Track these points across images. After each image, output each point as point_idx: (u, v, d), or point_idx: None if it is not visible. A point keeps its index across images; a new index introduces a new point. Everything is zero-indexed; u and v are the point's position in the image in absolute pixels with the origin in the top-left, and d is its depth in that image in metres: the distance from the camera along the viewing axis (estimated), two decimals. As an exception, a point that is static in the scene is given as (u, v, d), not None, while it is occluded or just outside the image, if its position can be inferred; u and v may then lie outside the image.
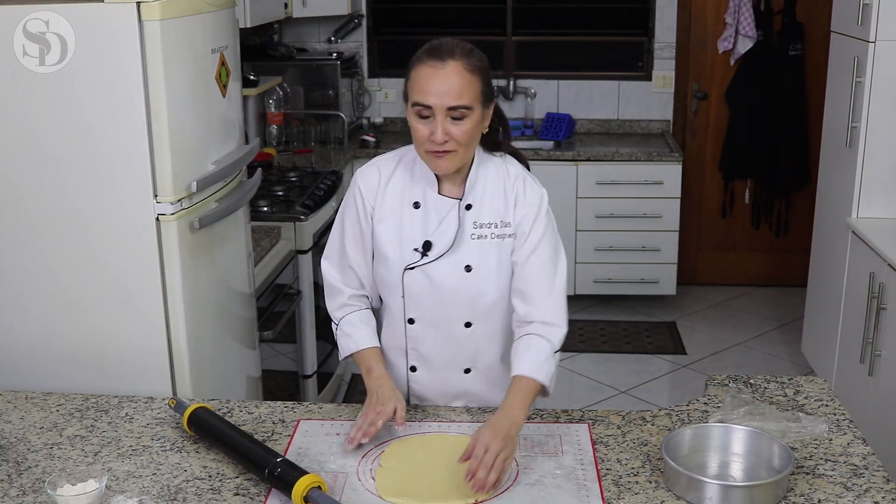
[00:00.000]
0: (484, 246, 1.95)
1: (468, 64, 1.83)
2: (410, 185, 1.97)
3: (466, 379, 2.06)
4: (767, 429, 1.87)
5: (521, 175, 1.98)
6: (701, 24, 5.25)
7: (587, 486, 1.73)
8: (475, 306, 1.98)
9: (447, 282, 1.95)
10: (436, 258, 1.94)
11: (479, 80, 1.85)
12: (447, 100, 1.80)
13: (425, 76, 1.82)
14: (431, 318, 1.99)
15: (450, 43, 1.85)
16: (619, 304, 5.21)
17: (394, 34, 5.44)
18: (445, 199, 1.95)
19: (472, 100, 1.83)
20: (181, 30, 2.24)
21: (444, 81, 1.81)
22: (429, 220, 1.95)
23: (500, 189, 1.96)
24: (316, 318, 3.65)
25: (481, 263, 1.94)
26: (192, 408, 1.91)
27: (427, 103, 1.81)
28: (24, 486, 1.75)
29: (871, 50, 3.48)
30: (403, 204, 1.96)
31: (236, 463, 1.81)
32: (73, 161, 2.18)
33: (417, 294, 1.97)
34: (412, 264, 1.95)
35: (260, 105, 4.71)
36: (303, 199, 3.65)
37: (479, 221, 1.95)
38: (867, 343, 3.33)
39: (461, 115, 1.82)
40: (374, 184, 1.98)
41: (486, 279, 1.95)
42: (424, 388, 2.08)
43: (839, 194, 3.81)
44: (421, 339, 2.02)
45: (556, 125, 5.19)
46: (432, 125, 1.82)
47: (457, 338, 2.01)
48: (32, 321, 2.28)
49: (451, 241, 1.93)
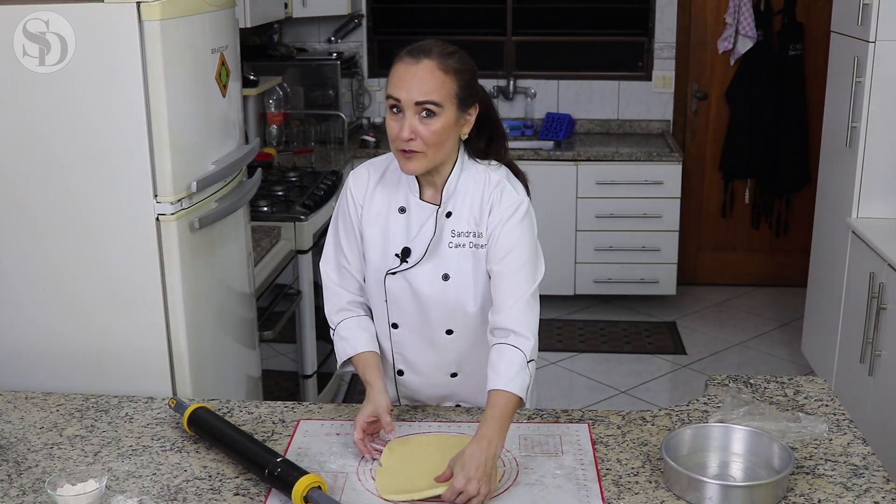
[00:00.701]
0: (462, 255, 1.92)
1: (443, 63, 1.81)
2: (397, 189, 1.95)
3: (454, 382, 2.05)
4: (767, 429, 1.87)
5: (501, 183, 1.91)
6: (701, 24, 5.24)
7: (587, 486, 1.73)
8: (455, 315, 1.95)
9: (426, 289, 1.93)
10: (413, 265, 1.92)
11: (455, 82, 1.82)
12: (415, 94, 1.79)
13: (400, 72, 1.82)
14: (413, 324, 1.98)
15: (430, 43, 1.84)
16: (619, 304, 5.21)
17: (394, 34, 5.44)
18: (426, 204, 1.93)
19: (443, 98, 1.80)
20: (181, 30, 2.24)
21: (414, 76, 1.79)
22: (411, 225, 1.94)
23: (478, 197, 1.92)
24: (316, 318, 3.65)
25: (459, 273, 1.92)
26: (192, 408, 1.91)
27: (396, 96, 1.80)
28: (24, 486, 1.75)
29: (871, 50, 3.48)
30: (390, 208, 1.95)
31: (236, 463, 1.81)
32: (74, 161, 2.18)
33: (399, 299, 1.96)
34: (393, 269, 1.94)
35: (260, 105, 4.71)
36: (303, 199, 3.65)
37: (456, 230, 1.92)
38: (867, 343, 3.33)
39: (430, 113, 1.79)
40: (363, 186, 1.98)
41: (464, 289, 1.92)
42: (413, 391, 2.08)
43: (839, 194, 3.81)
44: (405, 343, 2.01)
45: (556, 125, 5.19)
46: (402, 121, 1.81)
47: (439, 344, 1.99)
48: (32, 321, 2.28)
49: (425, 248, 1.91)
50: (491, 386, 1.80)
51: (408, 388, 2.08)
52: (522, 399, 1.79)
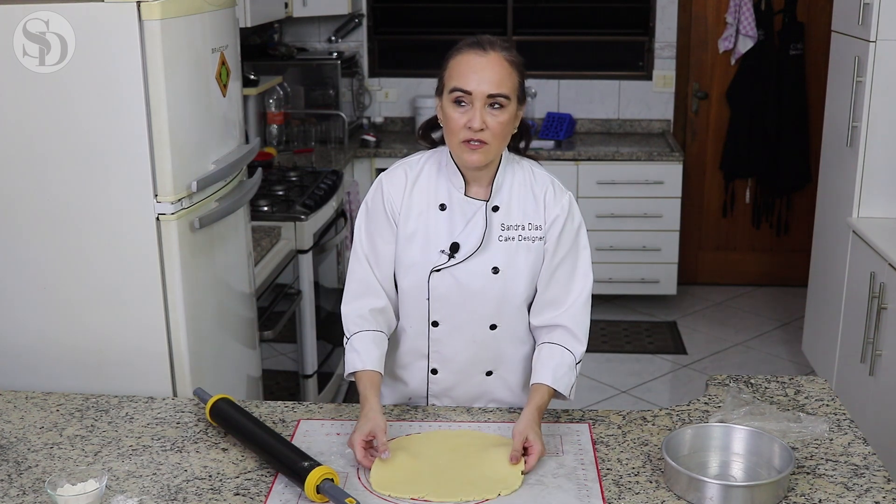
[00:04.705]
0: (511, 248, 1.94)
1: (509, 56, 1.85)
2: (436, 187, 1.96)
3: (487, 381, 2.05)
4: (768, 429, 1.87)
5: (549, 177, 1.99)
6: (701, 23, 5.24)
7: (588, 485, 1.73)
8: (501, 308, 1.97)
9: (474, 283, 1.94)
10: (463, 260, 1.93)
11: (518, 75, 1.87)
12: (487, 87, 1.81)
13: (467, 62, 1.83)
14: (456, 321, 1.98)
15: (490, 37, 1.87)
16: (619, 303, 5.21)
17: (394, 34, 5.44)
18: (472, 200, 1.94)
19: (511, 91, 1.84)
20: (181, 29, 2.24)
21: (485, 68, 1.82)
22: (455, 221, 1.94)
23: (527, 191, 1.96)
24: (316, 317, 3.65)
25: (509, 265, 1.94)
26: (215, 398, 1.95)
27: (467, 88, 1.81)
28: (24, 486, 1.75)
29: (872, 49, 3.48)
30: (430, 206, 1.95)
31: (259, 456, 1.81)
32: (74, 161, 2.18)
33: (443, 296, 1.95)
34: (439, 266, 1.93)
35: (260, 105, 4.71)
36: (303, 199, 3.64)
37: (506, 223, 1.94)
38: (868, 343, 3.33)
39: (499, 105, 1.83)
40: (400, 186, 1.97)
41: (513, 281, 1.95)
42: (444, 390, 2.06)
43: (840, 194, 3.81)
44: (444, 341, 2.00)
45: (556, 125, 5.18)
46: (469, 113, 1.82)
47: (481, 340, 2.00)
48: (33, 321, 2.28)
49: (479, 242, 1.92)
50: (538, 379, 1.91)
51: (439, 387, 2.06)
52: (567, 397, 1.94)
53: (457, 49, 1.87)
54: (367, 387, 1.90)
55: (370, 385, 1.91)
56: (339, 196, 4.06)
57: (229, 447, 1.89)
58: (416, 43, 5.43)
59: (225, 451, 1.87)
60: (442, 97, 1.88)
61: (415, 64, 5.44)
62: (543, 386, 1.90)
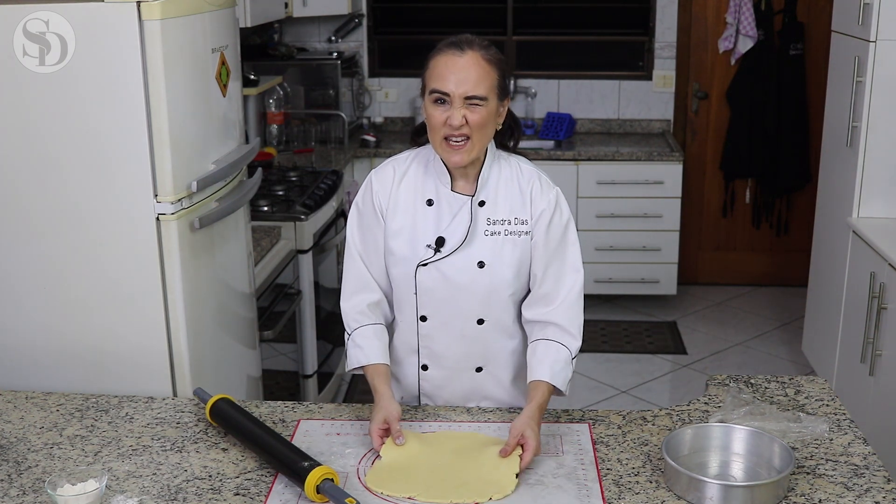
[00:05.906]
0: (497, 242, 1.96)
1: (486, 54, 1.86)
2: (424, 182, 1.99)
3: (478, 378, 2.06)
4: (768, 429, 1.87)
5: (535, 172, 2.00)
6: (701, 23, 5.24)
7: (588, 485, 1.73)
8: (488, 303, 1.98)
9: (460, 277, 1.95)
10: (448, 254, 1.94)
11: (496, 72, 1.88)
12: (465, 87, 1.83)
13: (444, 64, 1.85)
14: (443, 315, 2.00)
15: (469, 36, 1.89)
16: (619, 303, 5.21)
17: (394, 34, 5.44)
18: (458, 195, 1.96)
19: (488, 90, 1.86)
20: (181, 29, 2.24)
21: (462, 69, 1.84)
22: (442, 217, 1.96)
23: (514, 186, 1.97)
24: (316, 317, 3.65)
25: (495, 260, 1.95)
26: (215, 398, 1.95)
27: (445, 90, 1.84)
28: (24, 486, 1.75)
29: (872, 49, 3.48)
30: (417, 201, 1.98)
31: (258, 456, 1.81)
32: (74, 161, 2.18)
33: (430, 290, 1.97)
34: (425, 260, 1.95)
35: (260, 105, 4.71)
36: (303, 199, 3.64)
37: (492, 218, 1.96)
38: (868, 343, 3.33)
39: (477, 105, 1.85)
40: (388, 182, 2.00)
41: (499, 275, 1.96)
42: (435, 388, 2.08)
43: (840, 194, 3.81)
44: (433, 336, 2.02)
45: (556, 125, 5.19)
46: (449, 111, 1.85)
47: (469, 335, 2.01)
48: (33, 321, 2.28)
49: (464, 236, 1.94)
50: (535, 376, 1.92)
51: (430, 384, 2.08)
52: (562, 392, 1.95)
53: (437, 49, 1.89)
54: (375, 378, 1.94)
55: (377, 376, 1.95)
56: (339, 196, 4.06)
57: (229, 447, 1.89)
58: (416, 43, 5.42)
59: (225, 451, 1.88)
60: (424, 97, 1.90)
61: (415, 64, 5.38)
62: (542, 383, 1.91)
